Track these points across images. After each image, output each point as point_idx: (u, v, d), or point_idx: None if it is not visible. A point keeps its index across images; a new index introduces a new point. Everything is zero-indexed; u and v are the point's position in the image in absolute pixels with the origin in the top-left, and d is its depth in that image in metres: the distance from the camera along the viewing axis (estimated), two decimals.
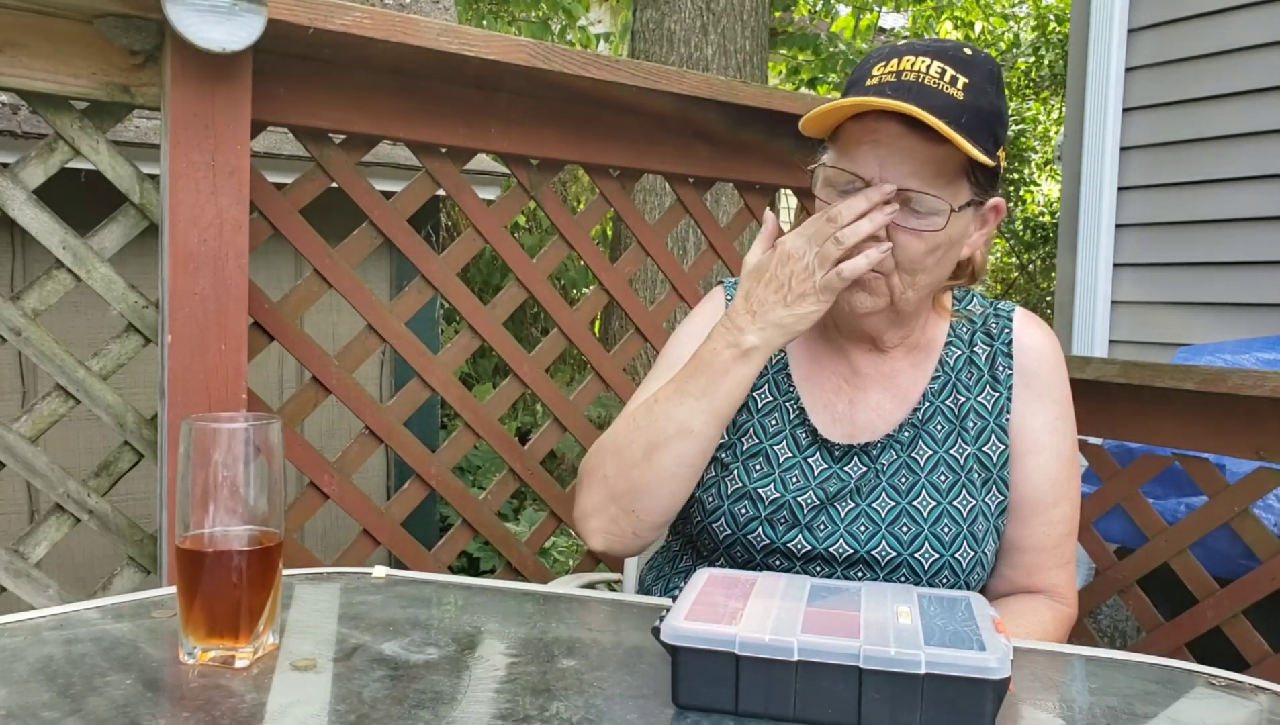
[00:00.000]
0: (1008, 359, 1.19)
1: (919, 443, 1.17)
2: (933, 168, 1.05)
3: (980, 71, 1.07)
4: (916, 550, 1.12)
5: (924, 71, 1.05)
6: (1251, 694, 0.88)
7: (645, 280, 4.44)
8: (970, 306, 1.24)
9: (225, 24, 1.29)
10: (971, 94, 1.05)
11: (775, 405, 1.21)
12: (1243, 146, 3.32)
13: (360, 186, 1.64)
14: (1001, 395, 1.18)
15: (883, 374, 1.21)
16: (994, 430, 1.17)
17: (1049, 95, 9.24)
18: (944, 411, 1.18)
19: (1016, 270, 9.23)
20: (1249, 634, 1.85)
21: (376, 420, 1.69)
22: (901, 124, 1.04)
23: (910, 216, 1.06)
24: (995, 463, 1.17)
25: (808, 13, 8.18)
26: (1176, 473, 2.16)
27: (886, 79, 1.05)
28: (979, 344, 1.20)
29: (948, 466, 1.16)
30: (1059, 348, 1.22)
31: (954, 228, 1.08)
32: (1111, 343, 3.66)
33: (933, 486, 1.15)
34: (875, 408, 1.19)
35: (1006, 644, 0.76)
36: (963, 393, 1.19)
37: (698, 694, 0.78)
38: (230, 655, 0.85)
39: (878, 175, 1.06)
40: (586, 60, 1.64)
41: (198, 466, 0.86)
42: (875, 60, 1.09)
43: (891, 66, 1.06)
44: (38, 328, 1.35)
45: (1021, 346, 1.20)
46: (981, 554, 1.14)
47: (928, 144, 1.04)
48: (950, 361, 1.20)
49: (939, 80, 1.04)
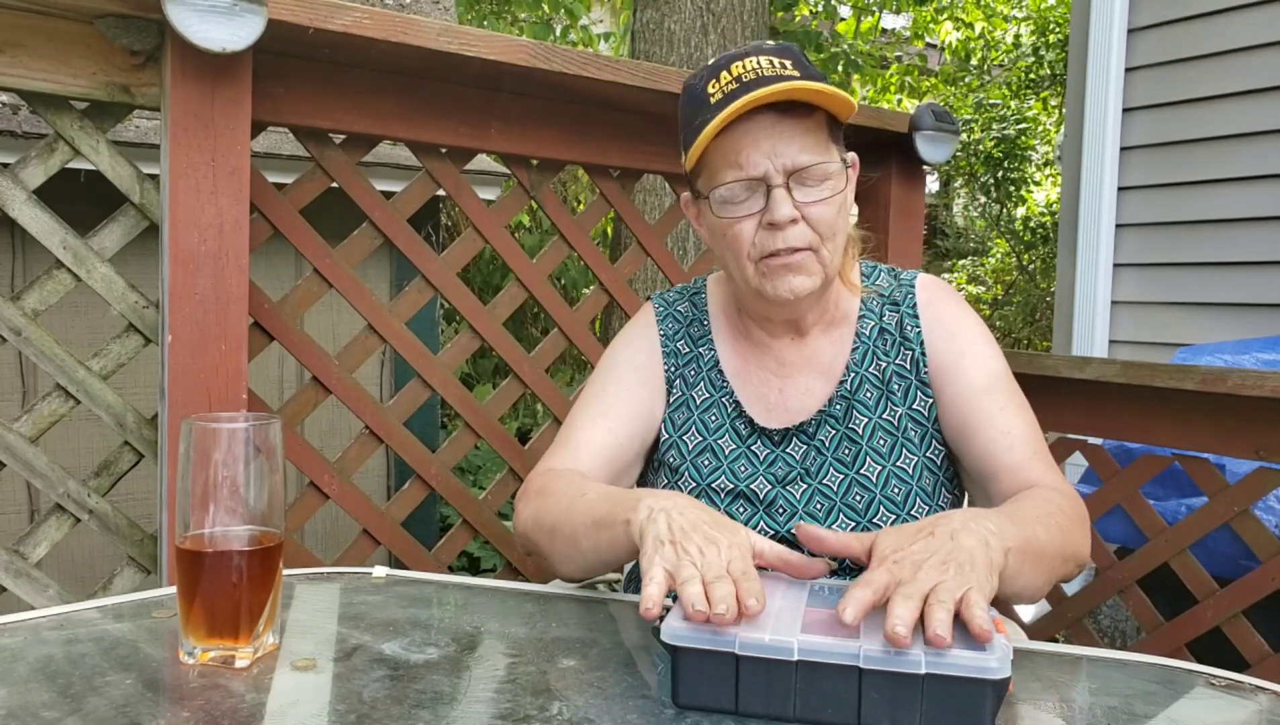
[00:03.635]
0: (915, 319, 1.24)
1: (853, 413, 1.21)
2: (811, 139, 1.11)
3: (794, 53, 1.14)
4: (874, 516, 1.17)
5: (757, 66, 1.11)
6: (1251, 694, 0.88)
7: (645, 280, 4.44)
8: (877, 281, 1.29)
9: (226, 24, 1.29)
10: (801, 68, 1.12)
11: (713, 401, 1.26)
12: (1243, 147, 3.32)
13: (360, 186, 1.64)
14: (915, 351, 1.23)
15: (805, 357, 1.25)
16: (917, 386, 1.22)
17: (1049, 95, 9.23)
18: (869, 379, 1.23)
19: (1016, 270, 9.22)
20: (1249, 634, 1.85)
21: (376, 420, 1.69)
22: (769, 113, 1.10)
23: (812, 190, 1.12)
24: (927, 417, 1.21)
25: (809, 12, 8.18)
26: (1176, 473, 2.16)
27: (729, 87, 1.10)
28: (887, 313, 1.26)
29: (884, 430, 1.20)
30: (959, 297, 1.28)
31: (847, 181, 1.17)
32: (1111, 343, 3.67)
33: (874, 452, 1.20)
34: (805, 390, 1.24)
35: (1006, 644, 0.76)
36: (882, 358, 1.23)
37: (698, 694, 0.78)
38: (230, 655, 0.85)
39: (770, 167, 1.10)
40: (586, 60, 1.64)
41: (198, 466, 0.86)
42: (701, 82, 1.14)
43: (725, 77, 1.12)
44: (38, 328, 1.35)
45: (924, 304, 1.25)
46: (936, 506, 1.19)
47: (798, 121, 1.10)
48: (866, 332, 1.25)
49: (773, 68, 1.11)
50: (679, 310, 1.32)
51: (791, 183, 1.11)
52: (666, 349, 1.29)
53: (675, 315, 1.31)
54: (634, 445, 1.25)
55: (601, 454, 1.22)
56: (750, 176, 1.11)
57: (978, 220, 10.59)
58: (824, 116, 1.13)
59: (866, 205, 2.08)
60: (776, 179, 1.11)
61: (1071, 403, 2.05)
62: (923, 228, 2.17)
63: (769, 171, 1.10)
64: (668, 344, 1.29)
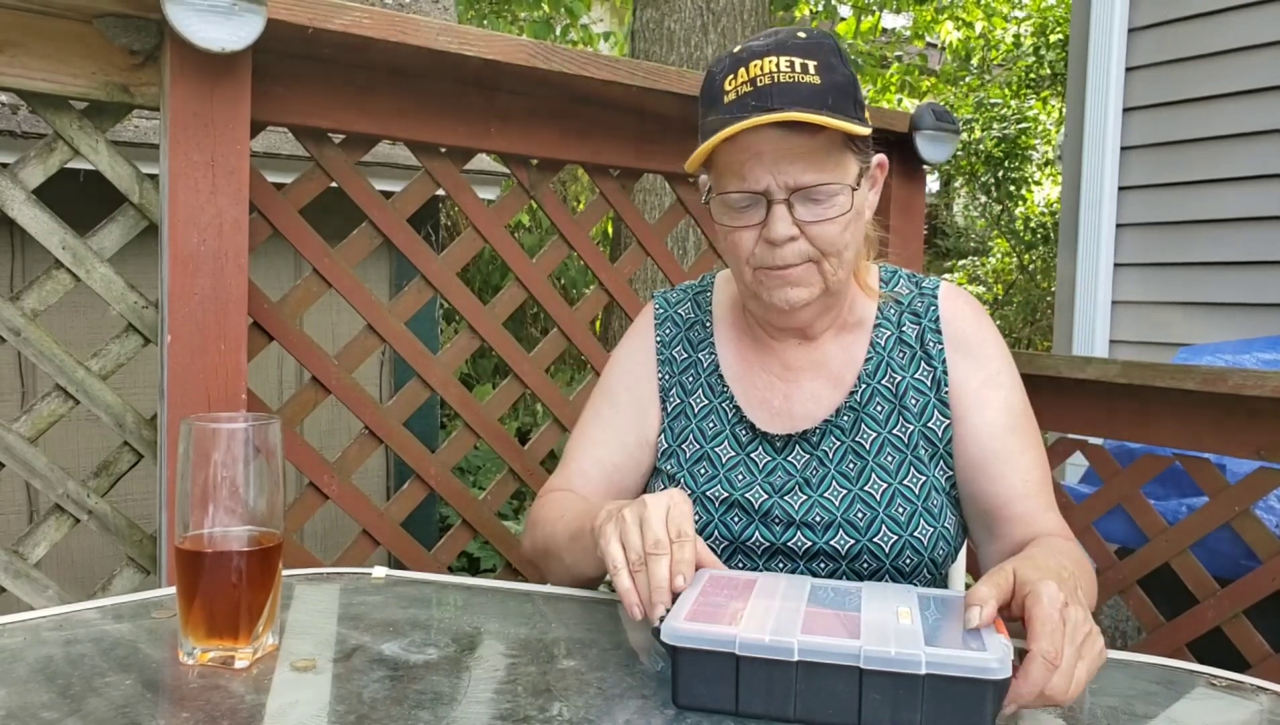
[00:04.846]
0: (937, 335, 1.20)
1: (861, 426, 1.18)
2: (820, 156, 1.07)
3: (823, 50, 1.09)
4: (875, 535, 1.13)
5: (775, 70, 1.06)
6: (1252, 694, 0.88)
7: (645, 280, 4.44)
8: (896, 288, 1.25)
9: (225, 24, 1.28)
10: (826, 73, 1.07)
11: (711, 407, 1.23)
12: (1243, 146, 3.32)
13: (360, 186, 1.64)
14: (937, 369, 1.19)
15: (814, 361, 1.22)
16: (935, 405, 1.18)
17: (1049, 95, 9.23)
18: (881, 392, 1.19)
19: (1016, 270, 9.22)
20: (1249, 634, 1.85)
21: (376, 420, 1.69)
22: (777, 127, 1.05)
23: (816, 207, 1.09)
24: (941, 437, 1.18)
25: (809, 12, 8.18)
26: (1177, 473, 2.16)
27: (743, 90, 1.07)
28: (907, 324, 1.22)
29: (893, 447, 1.17)
30: (984, 312, 1.25)
31: (856, 200, 1.12)
32: (1112, 342, 3.66)
33: (881, 468, 1.16)
34: (811, 396, 1.21)
35: (1006, 644, 0.76)
36: (897, 372, 1.20)
37: (698, 694, 0.78)
38: (230, 656, 0.85)
39: (771, 183, 1.07)
40: (586, 60, 1.64)
41: (197, 467, 0.86)
42: (721, 74, 1.10)
43: (742, 76, 1.07)
44: (37, 328, 1.35)
45: (947, 319, 1.21)
46: (941, 528, 1.15)
47: (808, 137, 1.06)
48: (881, 342, 1.21)
49: (793, 73, 1.06)
50: (679, 312, 1.30)
51: (794, 200, 1.08)
52: (662, 357, 1.28)
53: (675, 318, 1.30)
54: (633, 466, 1.26)
55: (601, 481, 1.24)
56: (751, 190, 1.09)
57: (978, 220, 10.59)
58: (838, 131, 1.07)
59: None
60: (778, 195, 1.08)
61: (1072, 403, 2.05)
62: (923, 227, 2.18)
63: (771, 187, 1.08)
64: (663, 352, 1.28)
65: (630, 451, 1.25)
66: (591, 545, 0.98)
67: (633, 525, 0.90)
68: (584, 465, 1.25)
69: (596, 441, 1.26)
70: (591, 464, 1.25)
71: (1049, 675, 0.75)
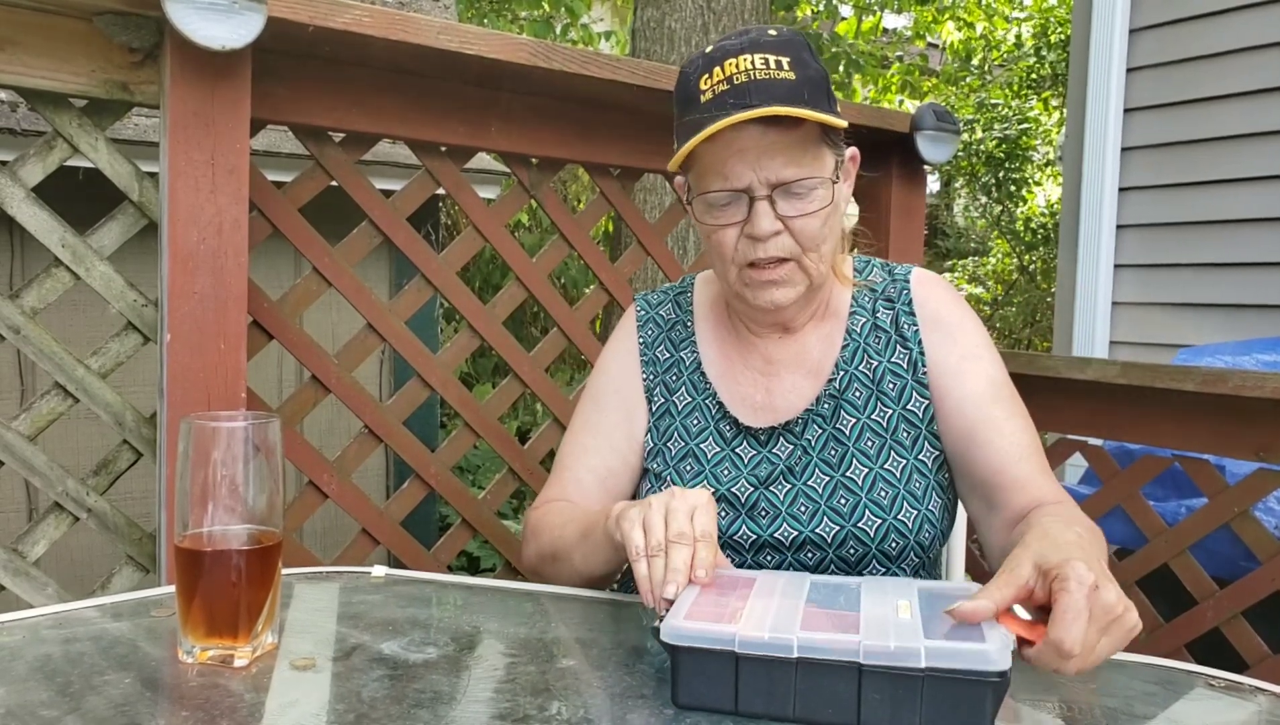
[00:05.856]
0: (911, 317, 1.22)
1: (841, 413, 1.19)
2: (798, 151, 1.09)
3: (795, 46, 1.11)
4: (859, 520, 1.14)
5: (751, 68, 1.07)
6: (1251, 695, 0.88)
7: (645, 279, 4.44)
8: (870, 276, 1.27)
9: (225, 22, 1.28)
10: (800, 69, 1.09)
11: (695, 405, 1.25)
12: (1244, 147, 3.32)
13: (360, 185, 1.64)
14: (913, 351, 1.20)
15: (794, 354, 1.24)
16: (913, 387, 1.19)
17: (1050, 95, 9.23)
18: (859, 377, 1.20)
19: (1017, 271, 9.22)
20: (1249, 635, 1.85)
21: (376, 419, 1.69)
22: (757, 124, 1.07)
23: (797, 202, 1.11)
24: (922, 418, 1.19)
25: (810, 12, 8.18)
26: (1176, 474, 2.16)
27: (720, 89, 1.08)
28: (881, 310, 1.24)
29: (872, 431, 1.18)
30: (958, 294, 1.26)
31: (835, 193, 1.14)
32: (1112, 344, 3.66)
33: (861, 453, 1.17)
34: (792, 388, 1.23)
35: (1006, 634, 0.76)
36: (874, 356, 1.21)
37: (698, 694, 0.78)
38: (229, 654, 0.85)
39: (754, 180, 1.09)
40: (587, 59, 1.64)
41: (197, 465, 0.86)
42: (695, 74, 1.11)
43: (718, 75, 1.09)
44: (36, 326, 1.35)
45: (921, 302, 1.23)
46: (925, 511, 1.15)
47: (787, 132, 1.08)
48: (857, 329, 1.23)
49: (768, 70, 1.07)
50: (661, 314, 1.32)
51: (776, 195, 1.09)
52: (645, 358, 1.29)
53: (656, 320, 1.31)
54: (626, 469, 1.26)
55: (596, 488, 1.25)
56: (734, 188, 1.10)
57: (978, 220, 10.59)
58: (815, 125, 1.09)
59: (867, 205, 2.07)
60: (760, 191, 1.09)
61: (1072, 403, 2.05)
62: (923, 228, 2.17)
63: (753, 184, 1.09)
64: (646, 352, 1.29)
65: (623, 455, 1.26)
66: (604, 539, 0.99)
67: (658, 513, 0.91)
68: (578, 473, 1.26)
69: (589, 448, 1.27)
70: (586, 472, 1.26)
71: (1058, 661, 0.76)
